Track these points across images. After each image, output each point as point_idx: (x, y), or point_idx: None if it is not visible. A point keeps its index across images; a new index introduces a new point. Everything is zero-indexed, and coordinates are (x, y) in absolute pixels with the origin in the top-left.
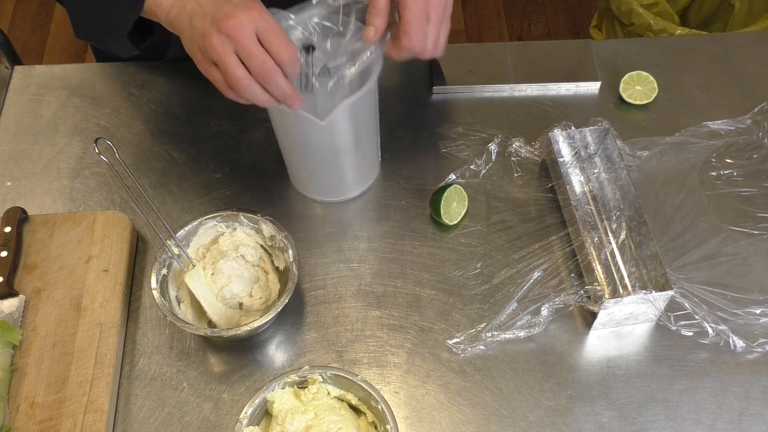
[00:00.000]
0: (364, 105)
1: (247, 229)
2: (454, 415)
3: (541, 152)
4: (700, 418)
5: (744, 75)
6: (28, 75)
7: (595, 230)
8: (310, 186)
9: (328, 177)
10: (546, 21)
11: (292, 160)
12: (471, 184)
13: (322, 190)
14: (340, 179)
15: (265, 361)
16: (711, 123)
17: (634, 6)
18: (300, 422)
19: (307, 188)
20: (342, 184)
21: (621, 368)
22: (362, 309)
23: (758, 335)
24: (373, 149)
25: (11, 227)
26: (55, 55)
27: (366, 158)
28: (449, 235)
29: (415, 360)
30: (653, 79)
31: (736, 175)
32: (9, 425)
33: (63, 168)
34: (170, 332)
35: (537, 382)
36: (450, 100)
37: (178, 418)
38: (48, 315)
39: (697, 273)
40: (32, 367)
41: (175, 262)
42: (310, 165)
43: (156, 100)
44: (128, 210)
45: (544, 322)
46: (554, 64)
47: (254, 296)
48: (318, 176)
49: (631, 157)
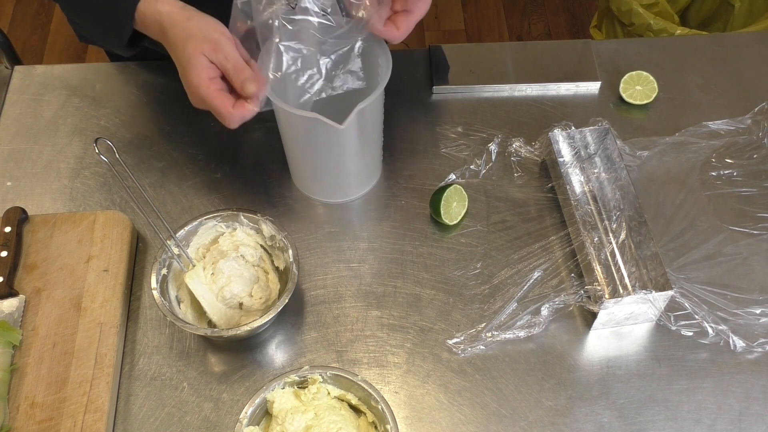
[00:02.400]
0: (375, 109)
1: (247, 229)
2: (454, 415)
3: (541, 152)
4: (700, 418)
5: (744, 75)
6: (28, 75)
7: (595, 230)
8: (313, 187)
9: (332, 178)
10: (546, 21)
11: (297, 161)
12: (471, 184)
13: (325, 191)
14: (345, 181)
15: (265, 361)
16: (711, 123)
17: (634, 6)
18: (300, 422)
19: (310, 189)
20: (346, 185)
21: (621, 368)
22: (362, 309)
23: (758, 335)
24: (377, 151)
25: (11, 227)
26: (55, 55)
27: (370, 160)
28: (449, 235)
29: (415, 360)
30: (653, 79)
31: (736, 175)
32: (9, 425)
33: (63, 168)
34: (170, 332)
35: (537, 382)
36: (450, 100)
37: (178, 418)
38: (48, 315)
39: (697, 273)
40: (32, 367)
41: (175, 262)
42: (315, 166)
43: (156, 100)
44: (128, 210)
45: (544, 322)
46: (554, 64)
47: (254, 296)
48: (322, 177)
49: (631, 157)
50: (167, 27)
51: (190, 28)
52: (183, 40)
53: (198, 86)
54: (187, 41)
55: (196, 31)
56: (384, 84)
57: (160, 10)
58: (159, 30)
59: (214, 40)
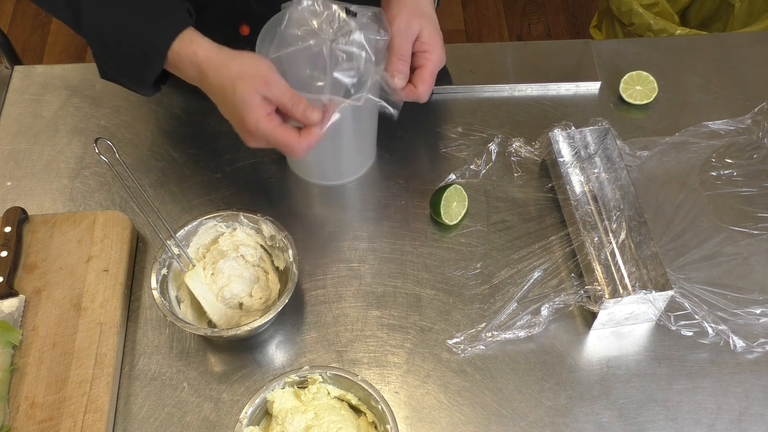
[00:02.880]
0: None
1: (247, 229)
2: (454, 415)
3: (541, 152)
4: (700, 418)
5: (744, 75)
6: (28, 75)
7: (595, 230)
8: (309, 170)
9: (330, 161)
10: (546, 21)
11: None
12: (471, 184)
13: (322, 173)
14: (341, 163)
15: (265, 361)
16: (711, 123)
17: (634, 6)
18: (300, 422)
19: (306, 172)
20: (342, 167)
21: (621, 368)
22: (362, 309)
23: (758, 335)
24: (372, 135)
25: (11, 227)
26: (55, 55)
27: (366, 143)
28: (449, 235)
29: (415, 360)
30: (653, 79)
31: (736, 175)
32: (9, 425)
33: (63, 168)
34: (170, 332)
35: (537, 382)
36: (450, 100)
37: (178, 418)
38: (48, 315)
39: (697, 273)
40: (32, 367)
41: (175, 262)
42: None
43: (156, 100)
44: (128, 210)
45: (544, 322)
46: (554, 64)
47: (254, 296)
48: (320, 161)
49: (631, 157)
50: (207, 69)
51: (235, 69)
52: (231, 81)
53: (257, 126)
54: (237, 82)
55: (243, 71)
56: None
57: (197, 52)
58: (197, 73)
59: (264, 76)
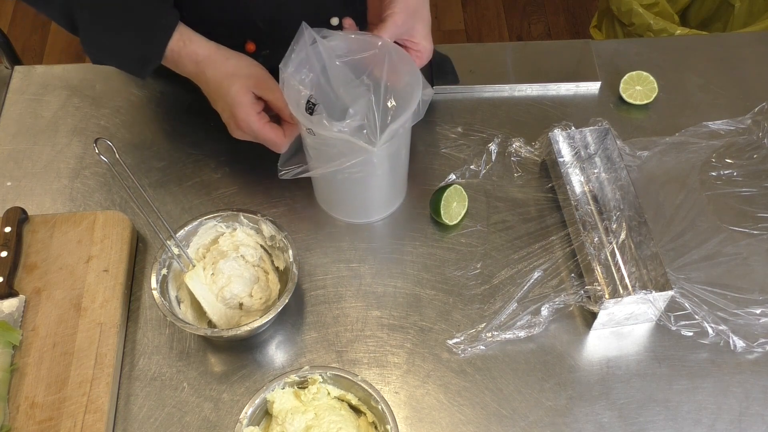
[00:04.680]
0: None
1: (247, 229)
2: (454, 415)
3: (541, 152)
4: (700, 418)
5: (744, 75)
6: (28, 75)
7: (595, 230)
8: (337, 207)
9: (358, 200)
10: (546, 21)
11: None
12: (471, 184)
13: (347, 212)
14: (369, 202)
15: (265, 361)
16: (711, 123)
17: (634, 6)
18: (300, 422)
19: (333, 209)
20: (370, 206)
21: (621, 368)
22: (362, 309)
23: (758, 335)
24: (404, 174)
25: (11, 227)
26: (55, 55)
27: (396, 182)
28: (449, 235)
29: (415, 360)
30: (653, 79)
31: (736, 175)
32: (9, 425)
33: (63, 168)
34: (170, 332)
35: (537, 382)
36: (450, 100)
37: (178, 418)
38: (48, 315)
39: (697, 273)
40: (32, 367)
41: (175, 262)
42: (341, 188)
43: (156, 100)
44: (128, 210)
45: (544, 322)
46: (554, 64)
47: (254, 296)
48: (348, 199)
49: (631, 157)
50: (205, 67)
51: (231, 67)
52: (227, 78)
53: (248, 122)
54: (232, 79)
55: (238, 70)
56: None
57: (197, 51)
58: (195, 69)
59: (257, 75)
